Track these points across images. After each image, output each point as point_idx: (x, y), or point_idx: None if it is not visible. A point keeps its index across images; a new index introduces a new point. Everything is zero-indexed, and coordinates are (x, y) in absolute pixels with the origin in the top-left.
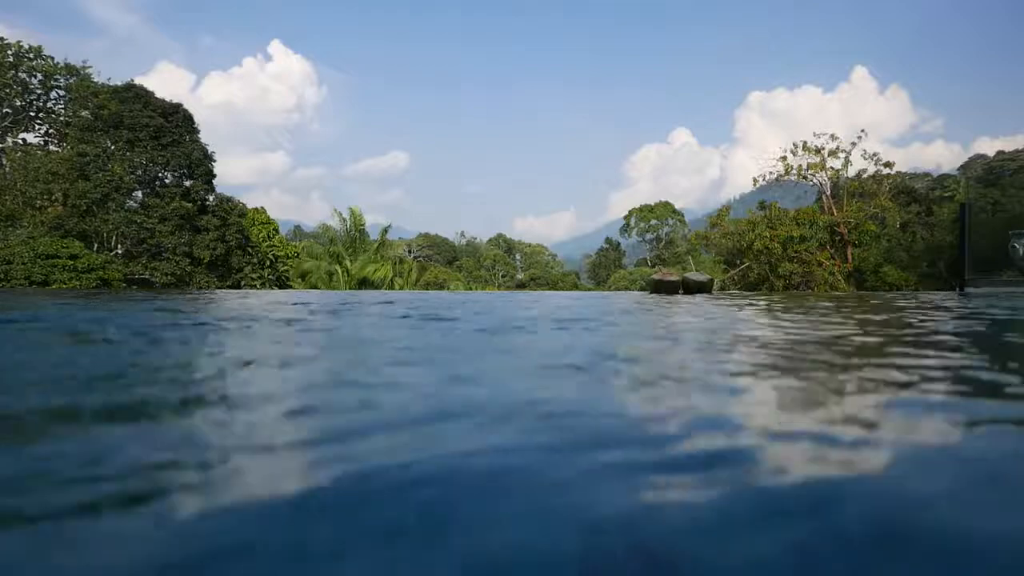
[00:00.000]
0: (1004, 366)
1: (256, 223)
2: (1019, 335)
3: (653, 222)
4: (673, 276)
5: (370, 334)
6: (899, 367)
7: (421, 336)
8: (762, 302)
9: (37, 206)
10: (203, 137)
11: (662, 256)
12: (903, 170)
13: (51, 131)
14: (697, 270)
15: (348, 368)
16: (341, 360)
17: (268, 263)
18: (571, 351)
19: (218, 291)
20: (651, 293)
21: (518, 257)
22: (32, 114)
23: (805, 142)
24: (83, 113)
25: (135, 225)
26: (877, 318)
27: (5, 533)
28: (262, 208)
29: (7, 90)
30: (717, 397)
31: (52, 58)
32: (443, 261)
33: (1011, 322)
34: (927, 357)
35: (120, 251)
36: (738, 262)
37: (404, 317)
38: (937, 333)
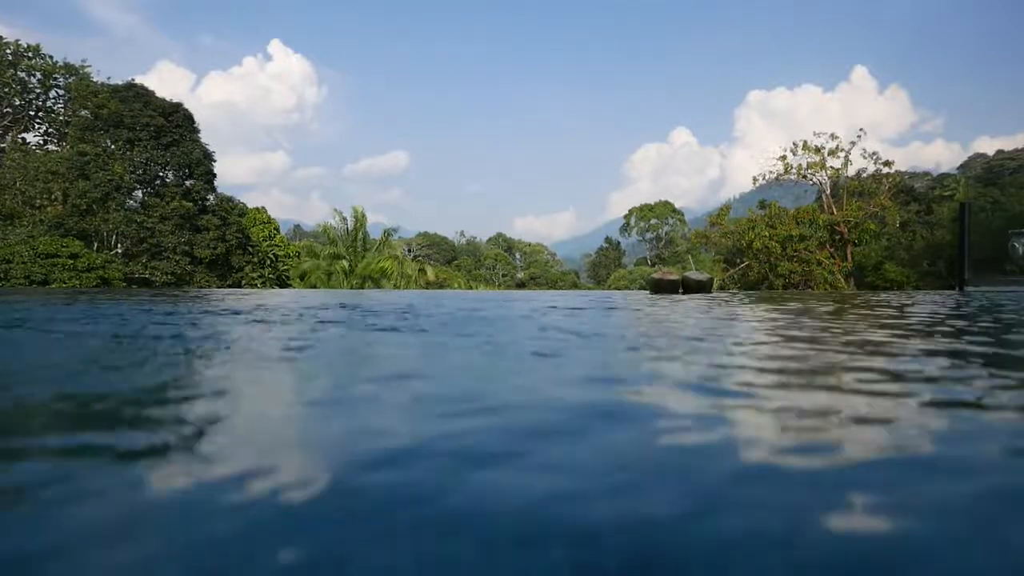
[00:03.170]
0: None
1: (256, 223)
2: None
3: (653, 221)
4: (673, 275)
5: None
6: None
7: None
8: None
9: (36, 205)
10: (203, 137)
11: (662, 255)
12: (903, 169)
13: (51, 130)
14: (697, 269)
15: None
16: None
17: (268, 262)
18: None
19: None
20: (651, 293)
21: (518, 256)
22: (31, 113)
23: (805, 141)
24: (83, 112)
25: (135, 224)
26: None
27: None
28: (262, 208)
29: (6, 89)
30: None
31: (51, 57)
32: (442, 260)
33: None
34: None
35: (120, 250)
36: (738, 261)
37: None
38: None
